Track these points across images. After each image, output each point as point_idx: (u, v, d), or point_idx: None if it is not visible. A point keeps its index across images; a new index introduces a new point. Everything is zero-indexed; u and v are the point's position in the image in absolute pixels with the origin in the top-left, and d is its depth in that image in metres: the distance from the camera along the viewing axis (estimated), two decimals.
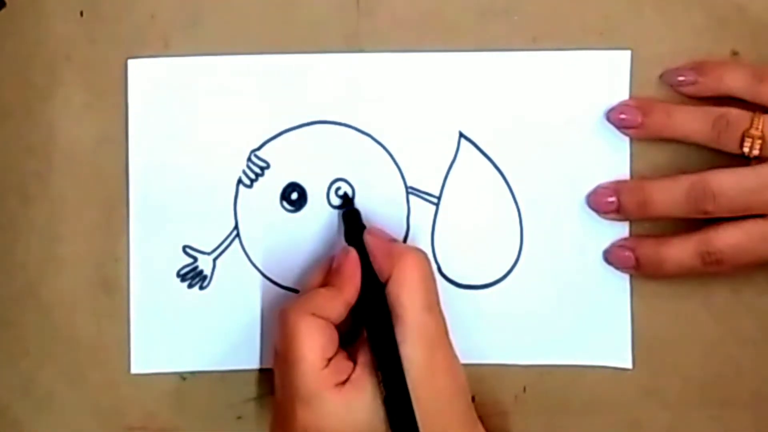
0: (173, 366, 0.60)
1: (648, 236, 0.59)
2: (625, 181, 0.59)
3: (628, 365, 0.60)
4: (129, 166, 0.59)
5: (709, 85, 0.58)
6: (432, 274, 0.56)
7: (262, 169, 0.60)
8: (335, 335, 0.54)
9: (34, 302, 0.60)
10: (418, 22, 0.59)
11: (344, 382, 0.53)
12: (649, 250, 0.58)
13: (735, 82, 0.57)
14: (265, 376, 0.60)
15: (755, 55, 0.59)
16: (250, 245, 0.60)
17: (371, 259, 0.56)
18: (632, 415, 0.60)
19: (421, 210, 0.60)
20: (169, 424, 0.60)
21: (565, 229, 0.60)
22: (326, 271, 0.57)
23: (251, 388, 0.60)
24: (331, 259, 0.57)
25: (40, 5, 0.59)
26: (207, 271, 0.60)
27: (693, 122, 0.57)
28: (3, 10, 0.59)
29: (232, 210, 0.60)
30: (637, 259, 0.59)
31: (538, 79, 0.59)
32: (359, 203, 0.60)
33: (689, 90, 0.59)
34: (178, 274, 0.60)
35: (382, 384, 0.53)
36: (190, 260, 0.60)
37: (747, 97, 0.57)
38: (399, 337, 0.54)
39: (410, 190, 0.60)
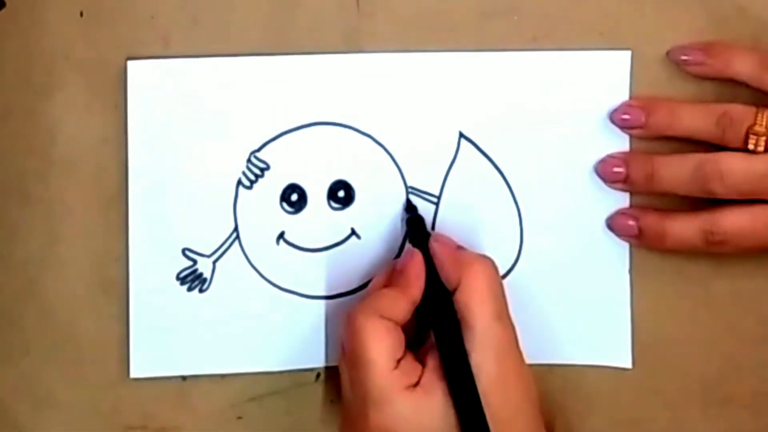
0: (173, 370, 0.60)
1: (653, 208, 0.59)
2: (634, 153, 0.59)
3: (628, 365, 0.60)
4: (129, 166, 0.59)
5: (715, 67, 0.58)
6: (500, 281, 0.56)
7: (262, 170, 0.60)
8: (402, 337, 0.54)
9: (34, 302, 0.60)
10: (418, 22, 0.59)
11: (415, 385, 0.53)
12: (653, 221, 0.58)
13: (742, 67, 0.57)
14: (265, 376, 0.60)
15: None
16: (250, 247, 0.60)
17: (438, 266, 0.55)
18: (632, 415, 0.60)
19: (421, 210, 0.60)
20: (169, 424, 0.60)
21: (565, 229, 0.60)
22: (390, 273, 0.57)
23: (251, 388, 0.60)
24: (395, 262, 0.57)
25: (40, 5, 0.59)
26: (207, 274, 0.60)
27: (696, 120, 0.57)
28: (3, 10, 0.59)
29: (232, 212, 0.60)
30: (639, 229, 0.59)
31: (538, 79, 0.59)
32: (359, 203, 0.60)
33: (694, 70, 0.58)
34: (177, 277, 0.59)
35: (451, 392, 0.53)
36: (190, 263, 0.59)
37: (752, 83, 0.57)
38: (468, 345, 0.54)
39: (410, 190, 0.60)
